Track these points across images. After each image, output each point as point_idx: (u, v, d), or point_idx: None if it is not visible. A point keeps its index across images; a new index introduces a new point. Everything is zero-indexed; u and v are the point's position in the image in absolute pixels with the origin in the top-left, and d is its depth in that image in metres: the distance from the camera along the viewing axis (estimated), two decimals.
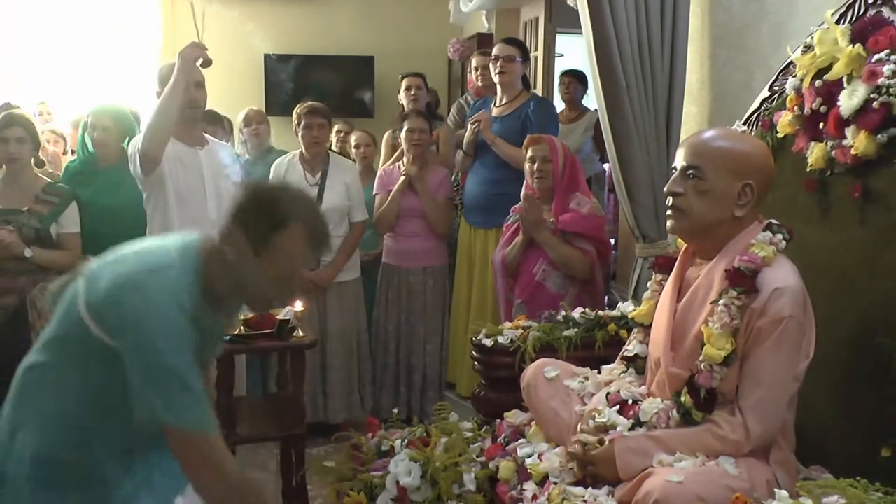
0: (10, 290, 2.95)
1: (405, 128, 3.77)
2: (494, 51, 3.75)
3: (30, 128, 3.09)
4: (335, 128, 4.42)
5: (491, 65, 3.76)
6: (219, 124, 4.15)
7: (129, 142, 3.20)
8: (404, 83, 4.39)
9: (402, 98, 4.40)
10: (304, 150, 3.65)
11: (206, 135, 3.15)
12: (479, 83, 4.29)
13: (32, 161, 3.11)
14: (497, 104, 3.80)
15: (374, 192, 3.88)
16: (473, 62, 4.41)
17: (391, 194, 3.77)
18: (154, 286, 1.55)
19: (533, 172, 3.08)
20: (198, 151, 3.01)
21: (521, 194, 3.09)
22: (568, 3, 3.71)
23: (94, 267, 1.67)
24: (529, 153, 3.10)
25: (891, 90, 1.77)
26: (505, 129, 3.65)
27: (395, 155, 4.10)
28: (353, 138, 4.39)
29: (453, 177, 4.05)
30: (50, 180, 3.18)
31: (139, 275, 1.57)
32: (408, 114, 3.92)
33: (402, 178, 3.75)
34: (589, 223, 3.00)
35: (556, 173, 3.05)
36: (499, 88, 3.77)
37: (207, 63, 2.86)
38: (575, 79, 5.28)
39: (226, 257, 1.61)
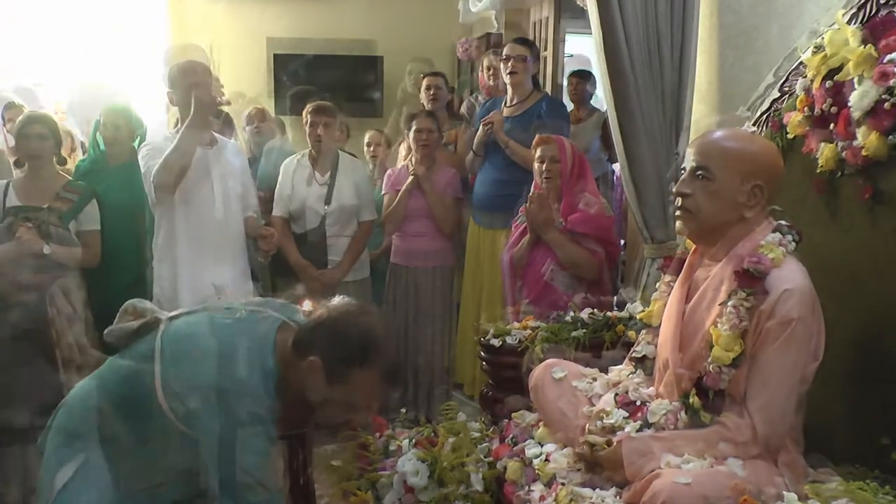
0: (29, 287, 2.98)
1: (413, 128, 3.77)
2: (505, 50, 3.75)
3: (52, 125, 3.13)
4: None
5: (502, 65, 3.77)
6: (223, 122, 4.16)
7: (139, 142, 3.22)
8: (424, 82, 4.38)
9: (423, 97, 4.40)
10: (311, 149, 3.66)
11: (215, 134, 3.16)
12: (491, 83, 4.30)
13: (54, 159, 3.15)
14: (508, 104, 3.80)
15: (382, 192, 3.88)
16: (485, 62, 4.41)
17: (399, 194, 3.77)
18: (239, 408, 1.60)
19: (542, 172, 3.08)
20: (207, 151, 3.02)
21: (530, 194, 3.09)
22: (577, 3, 3.71)
23: (172, 335, 1.71)
24: (538, 153, 3.10)
25: None
26: (517, 129, 3.65)
27: (409, 156, 4.11)
28: (365, 137, 4.40)
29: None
30: (70, 178, 3.21)
31: (223, 390, 1.61)
32: (416, 114, 3.93)
33: (410, 177, 3.75)
34: (598, 224, 3.01)
35: (564, 173, 3.05)
36: (509, 88, 3.77)
37: (225, 104, 2.95)
38: (581, 79, 5.27)
39: (300, 373, 1.65)
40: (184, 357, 1.66)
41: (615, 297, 3.15)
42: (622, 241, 3.62)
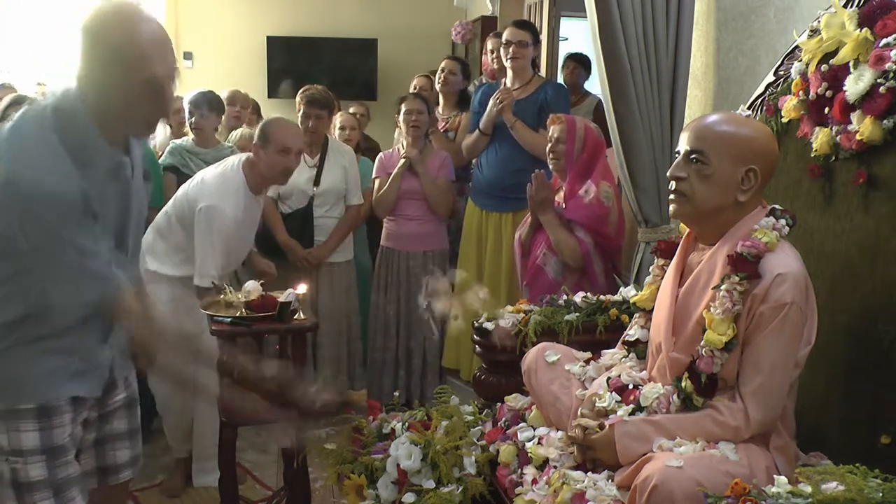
0: None
1: (403, 109, 3.76)
2: (506, 35, 3.69)
3: None
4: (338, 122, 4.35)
5: (502, 49, 3.73)
6: (212, 108, 4.08)
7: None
8: (442, 64, 4.35)
9: (437, 79, 4.37)
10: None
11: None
12: (495, 66, 4.27)
13: None
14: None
15: (373, 176, 3.87)
16: (489, 45, 4.39)
17: (391, 177, 3.76)
18: None
19: (548, 153, 3.03)
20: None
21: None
22: None
23: None
24: (549, 132, 3.05)
25: None
26: (520, 113, 3.61)
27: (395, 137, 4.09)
28: (337, 120, 4.24)
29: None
30: None
31: None
32: (405, 96, 3.92)
33: (402, 160, 3.73)
34: (589, 212, 2.91)
35: (569, 155, 2.97)
36: (510, 73, 3.73)
37: None
38: (578, 63, 5.25)
39: None
40: None
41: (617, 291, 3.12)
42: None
